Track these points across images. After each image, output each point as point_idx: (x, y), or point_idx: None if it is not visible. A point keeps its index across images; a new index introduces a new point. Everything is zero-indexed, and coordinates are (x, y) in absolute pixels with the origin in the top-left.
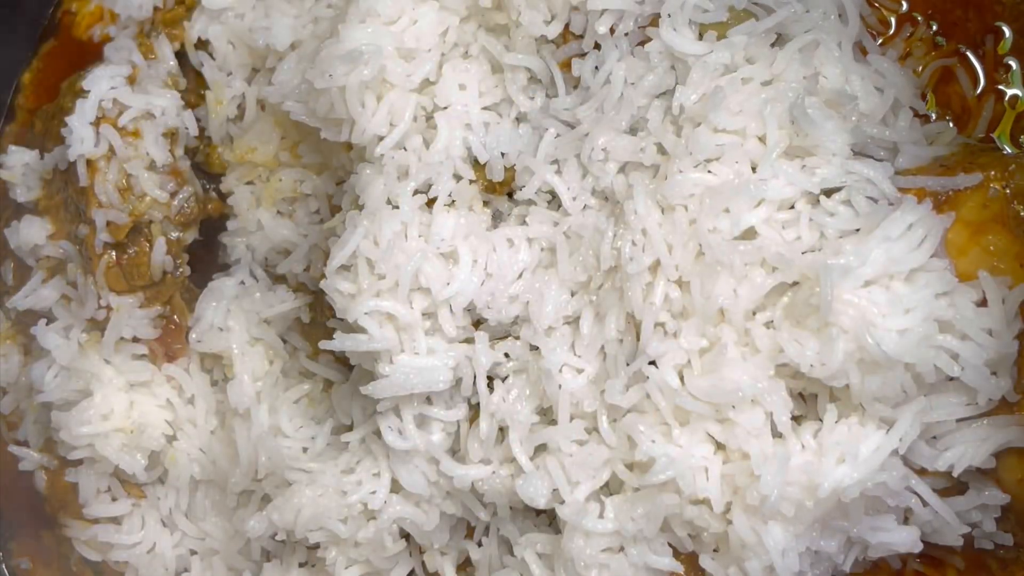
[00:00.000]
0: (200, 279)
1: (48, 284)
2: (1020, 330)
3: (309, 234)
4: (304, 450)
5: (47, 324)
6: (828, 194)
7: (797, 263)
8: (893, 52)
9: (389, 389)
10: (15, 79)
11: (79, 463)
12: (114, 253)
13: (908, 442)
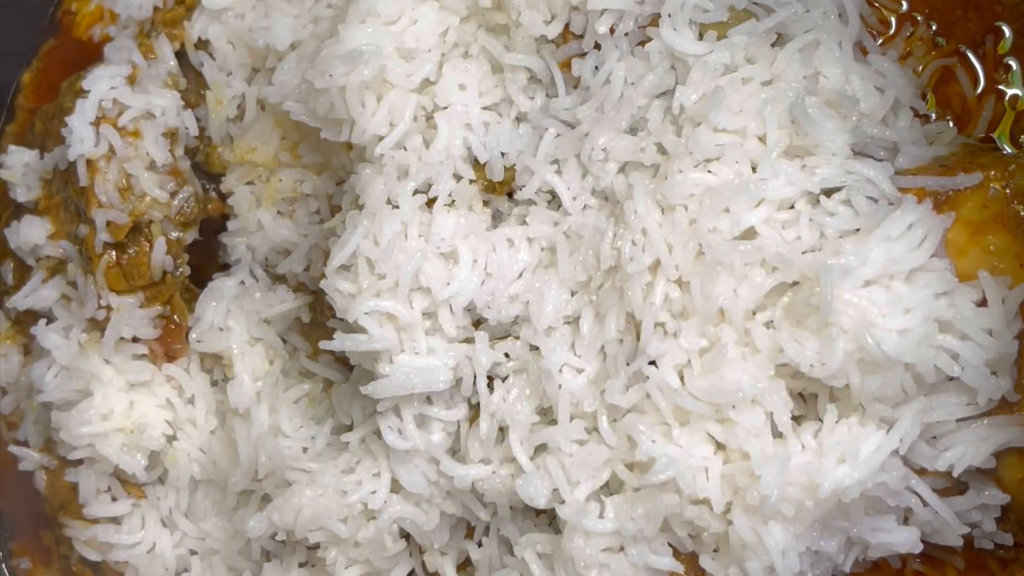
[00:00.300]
0: (200, 279)
1: (48, 284)
2: (1020, 330)
3: (309, 234)
4: (304, 450)
5: (47, 324)
6: (828, 194)
7: (797, 263)
8: (893, 52)
9: (389, 389)
10: (15, 79)
11: (79, 463)
12: (114, 253)
13: (908, 442)
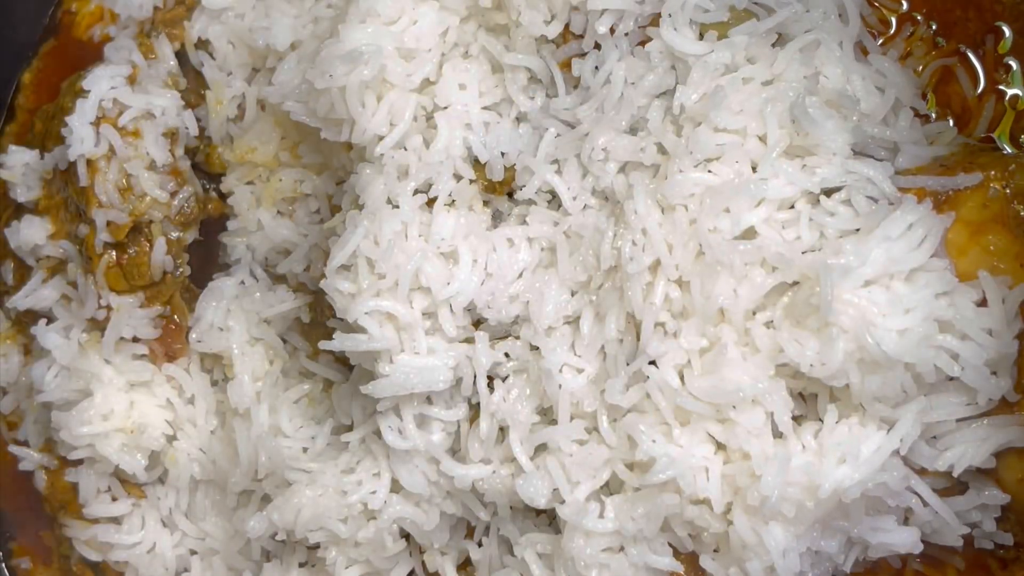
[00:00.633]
0: (200, 279)
1: (48, 284)
2: (1020, 330)
3: (309, 234)
4: (304, 450)
5: (47, 324)
6: (828, 194)
7: (797, 263)
8: (894, 52)
9: (389, 389)
10: (15, 79)
11: (79, 463)
12: (114, 253)
13: (909, 443)
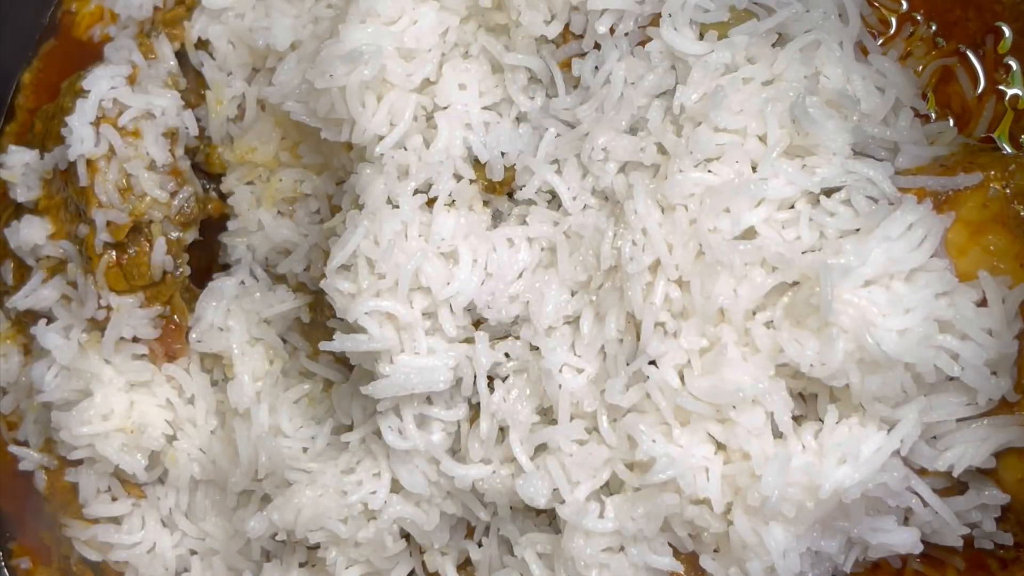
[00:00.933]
0: (200, 279)
1: (48, 284)
2: (1020, 330)
3: (309, 234)
4: (304, 450)
5: (47, 324)
6: (828, 194)
7: (797, 263)
8: (894, 52)
9: (389, 389)
10: (15, 79)
11: (79, 463)
12: (114, 253)
13: (909, 443)
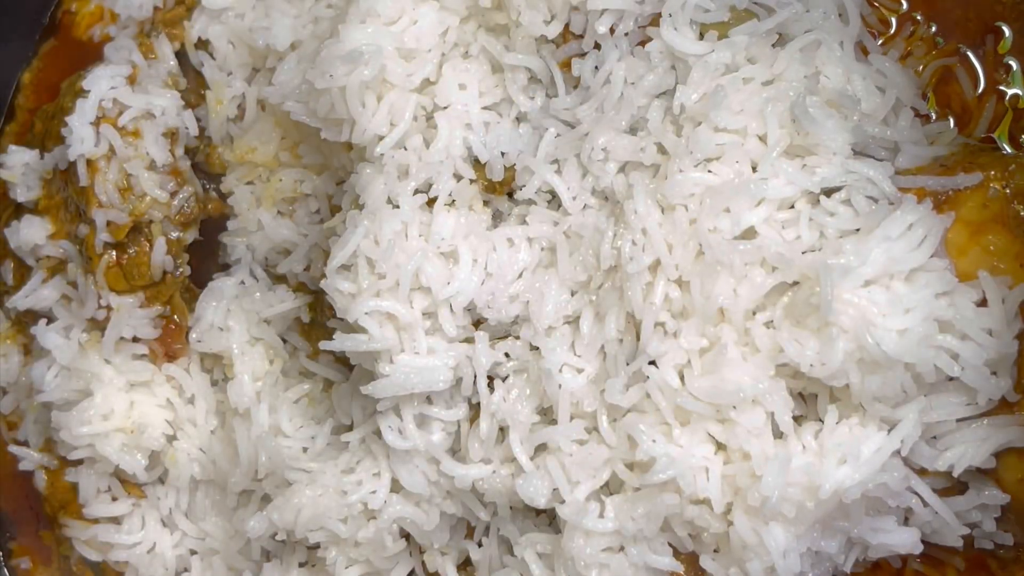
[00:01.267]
0: (200, 279)
1: (48, 284)
2: (1020, 330)
3: (309, 234)
4: (304, 450)
5: (47, 324)
6: (828, 194)
7: (797, 263)
8: (894, 52)
9: (389, 389)
10: (15, 79)
11: (79, 463)
12: (114, 253)
13: (910, 443)
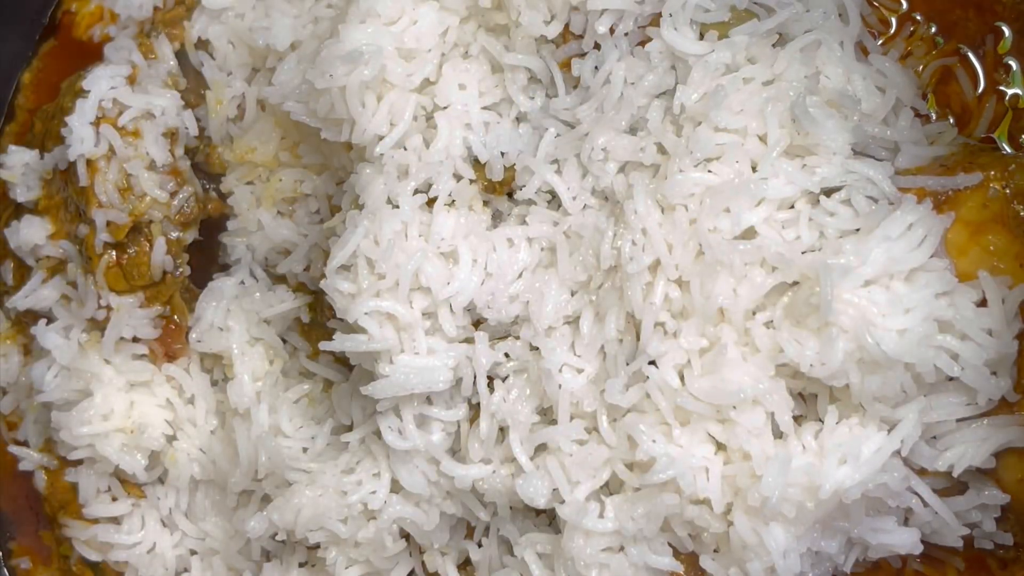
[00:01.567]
0: (200, 279)
1: (48, 284)
2: (1020, 330)
3: (309, 234)
4: (304, 450)
5: (47, 324)
6: (828, 194)
7: (797, 263)
8: (894, 52)
9: (389, 389)
10: (15, 79)
11: (79, 463)
12: (114, 253)
13: (910, 443)
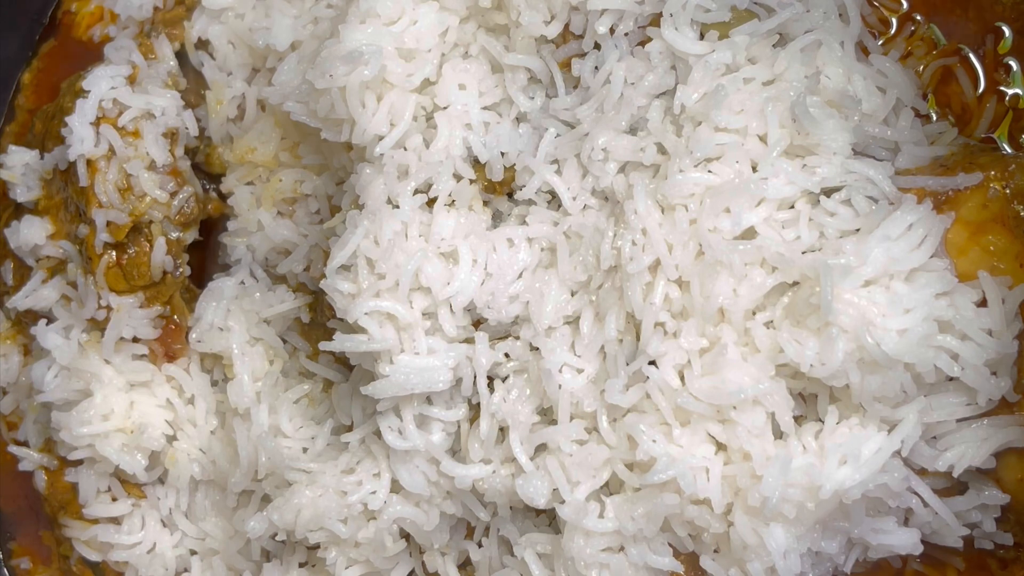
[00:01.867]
0: (200, 279)
1: (48, 284)
2: (1020, 330)
3: (309, 234)
4: (304, 450)
5: (47, 324)
6: (828, 194)
7: (797, 263)
8: (895, 52)
9: (389, 389)
10: (15, 79)
11: (79, 463)
12: (114, 253)
13: (910, 444)
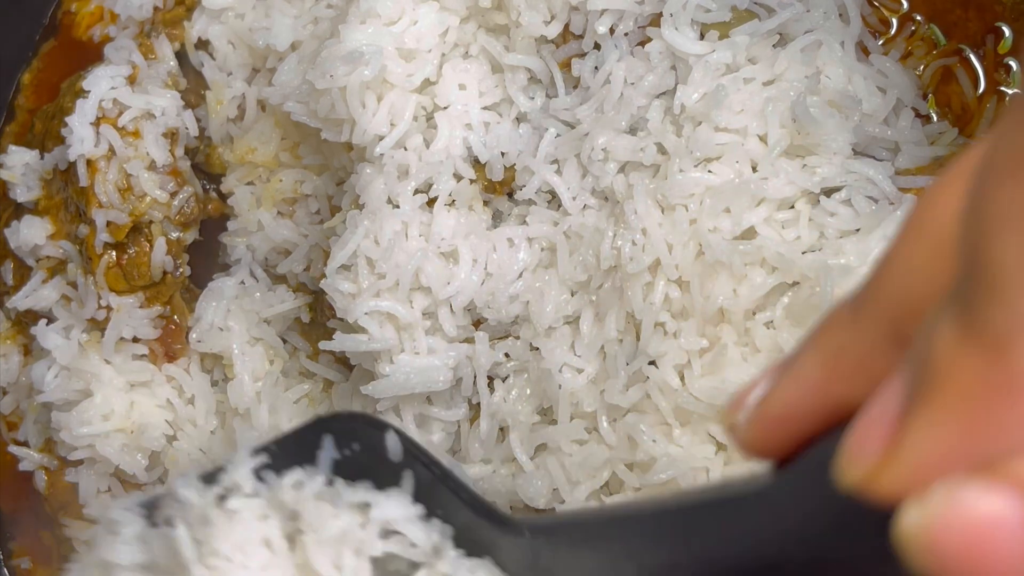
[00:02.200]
0: (200, 279)
1: (48, 284)
2: None
3: (309, 234)
4: None
5: (47, 324)
6: (828, 194)
7: (797, 263)
8: (895, 52)
9: (389, 389)
10: (15, 79)
11: (79, 463)
12: (114, 253)
13: None
